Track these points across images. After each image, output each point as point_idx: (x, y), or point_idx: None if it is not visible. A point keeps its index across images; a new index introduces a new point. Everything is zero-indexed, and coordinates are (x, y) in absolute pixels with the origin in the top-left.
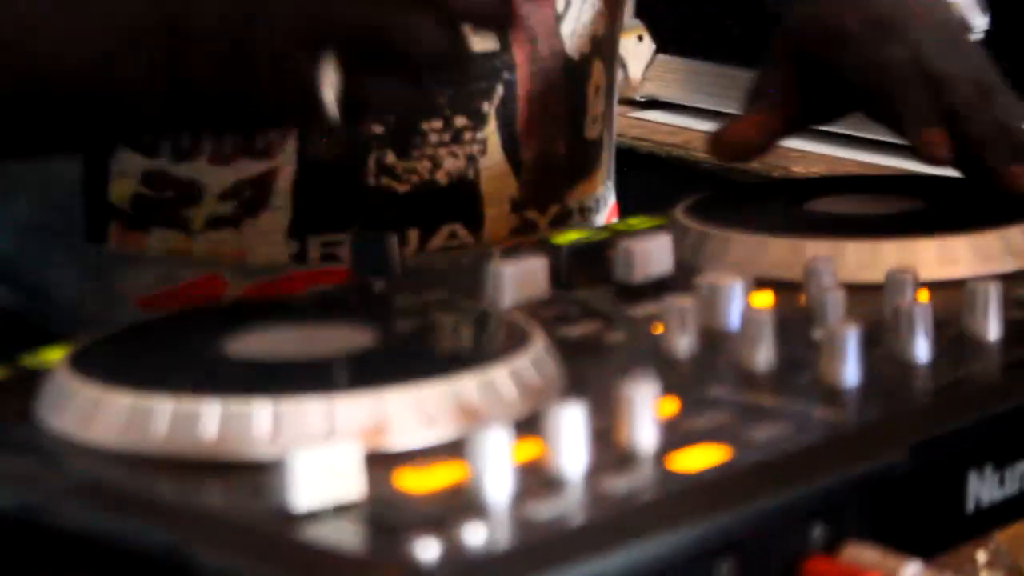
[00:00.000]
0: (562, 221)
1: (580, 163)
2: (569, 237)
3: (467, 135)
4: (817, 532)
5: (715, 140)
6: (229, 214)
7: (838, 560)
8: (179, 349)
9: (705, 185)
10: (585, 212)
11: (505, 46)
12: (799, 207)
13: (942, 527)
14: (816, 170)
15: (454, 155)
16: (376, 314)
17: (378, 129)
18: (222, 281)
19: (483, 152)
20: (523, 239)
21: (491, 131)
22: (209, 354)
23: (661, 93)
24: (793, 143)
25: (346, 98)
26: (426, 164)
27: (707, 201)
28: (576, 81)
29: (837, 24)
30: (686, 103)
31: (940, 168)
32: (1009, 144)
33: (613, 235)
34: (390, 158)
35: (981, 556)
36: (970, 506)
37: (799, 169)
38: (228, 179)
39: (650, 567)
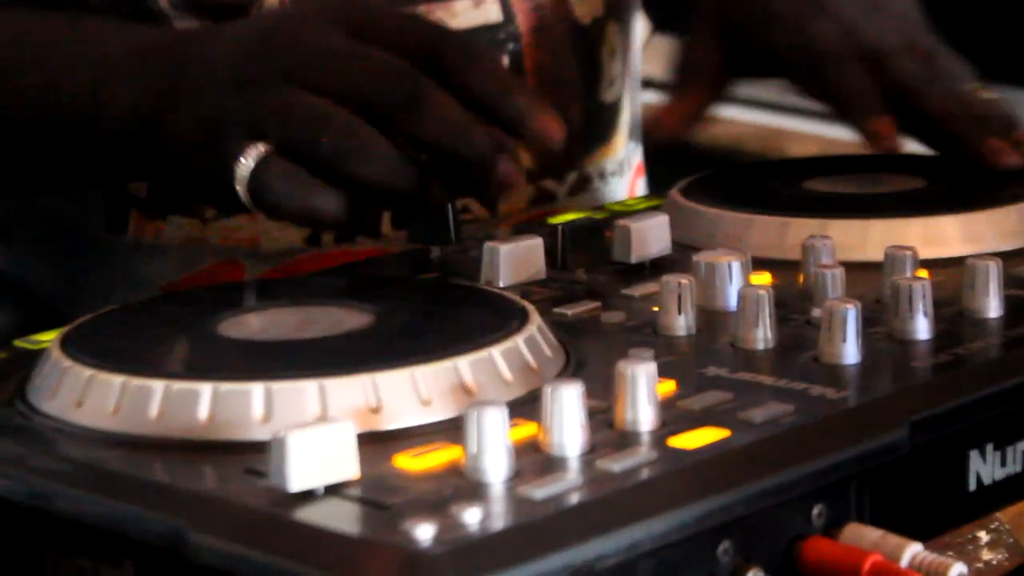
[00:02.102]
0: (581, 188)
1: (597, 128)
2: (566, 217)
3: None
4: (817, 512)
5: (649, 124)
6: None
7: (838, 541)
8: (172, 330)
9: (701, 166)
10: (605, 177)
11: (508, 17)
12: (796, 187)
13: (943, 507)
14: (811, 151)
15: None
16: (371, 295)
17: None
18: (240, 267)
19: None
20: (541, 211)
21: None
22: (202, 335)
23: (657, 74)
24: (788, 124)
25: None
26: None
27: (704, 181)
28: (587, 47)
29: (763, 1)
30: None
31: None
32: (972, 115)
33: (610, 215)
34: None
35: (983, 536)
36: (971, 485)
37: (795, 150)
38: None
39: (648, 547)
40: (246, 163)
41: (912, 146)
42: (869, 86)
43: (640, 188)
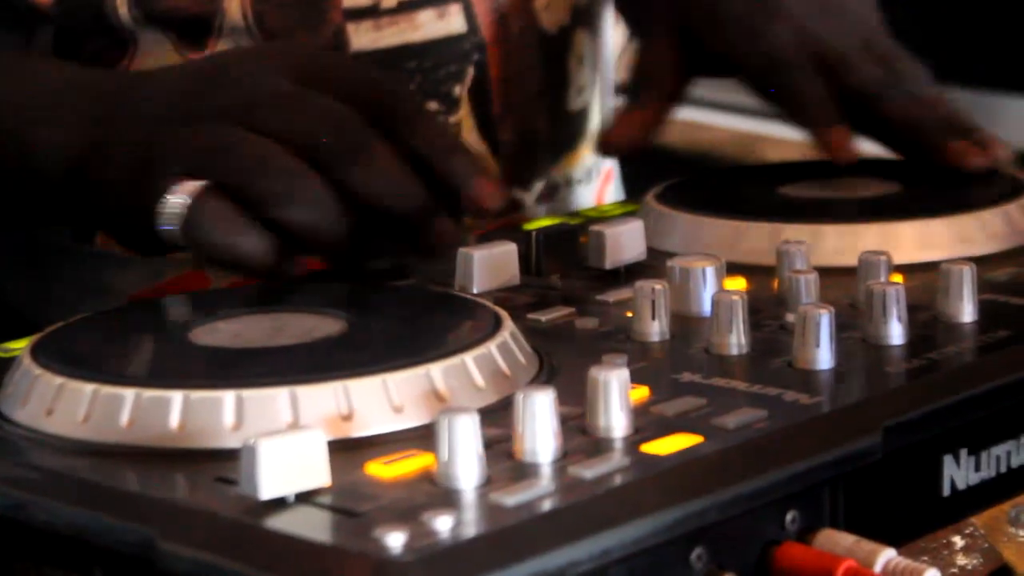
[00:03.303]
0: (550, 196)
1: (564, 137)
2: (540, 223)
3: (439, 120)
4: (790, 518)
5: (601, 141)
6: None
7: (812, 547)
8: (143, 338)
9: (678, 172)
10: (572, 184)
11: (473, 27)
12: (772, 192)
13: (917, 512)
14: (789, 155)
15: None
16: (343, 301)
17: None
18: (206, 277)
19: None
20: (508, 220)
21: (464, 114)
22: (173, 343)
23: None
24: (765, 129)
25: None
26: None
27: (679, 186)
28: (555, 56)
29: (716, 4)
30: None
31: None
32: (934, 118)
33: (585, 221)
34: None
35: (958, 540)
36: (946, 490)
37: (773, 155)
38: None
39: (621, 554)
40: (180, 199)
41: (874, 149)
42: (824, 94)
43: (609, 194)
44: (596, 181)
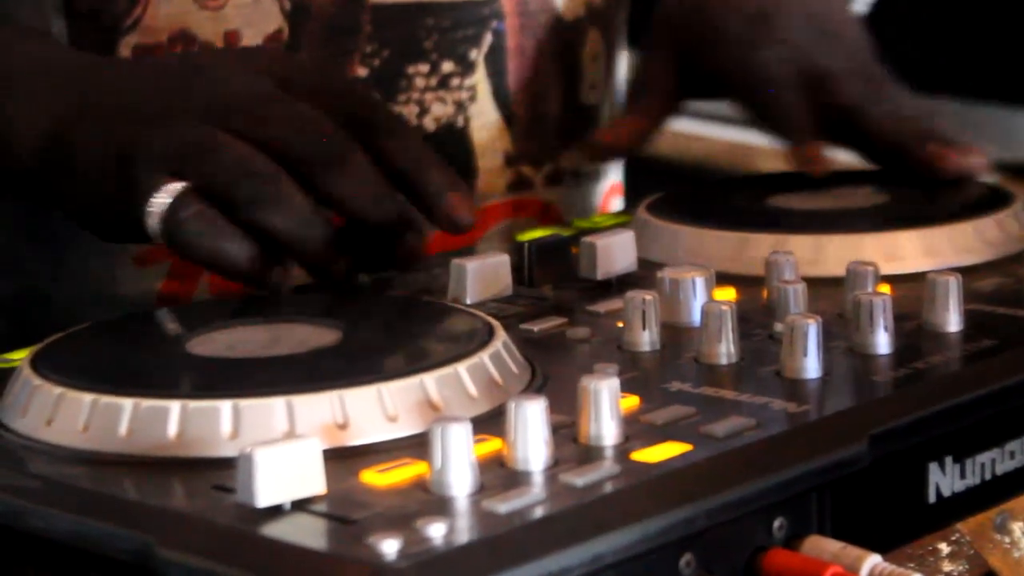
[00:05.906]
0: (556, 181)
1: (575, 127)
2: (533, 234)
3: (454, 81)
4: (778, 525)
5: (590, 142)
6: None
7: (798, 553)
8: (141, 348)
9: (672, 182)
10: (580, 177)
11: None
12: (762, 203)
13: (904, 519)
14: (782, 167)
15: (442, 101)
16: (338, 312)
17: (362, 72)
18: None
19: (472, 100)
20: (519, 196)
21: (480, 79)
22: (171, 353)
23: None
24: (759, 140)
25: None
26: (413, 108)
27: (670, 198)
28: (569, 43)
29: (712, 21)
30: None
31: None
32: (913, 130)
33: (577, 232)
34: None
35: (943, 547)
36: (931, 497)
37: (766, 166)
38: None
39: (611, 560)
40: (162, 199)
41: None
42: (804, 111)
43: (614, 206)
44: (603, 183)
